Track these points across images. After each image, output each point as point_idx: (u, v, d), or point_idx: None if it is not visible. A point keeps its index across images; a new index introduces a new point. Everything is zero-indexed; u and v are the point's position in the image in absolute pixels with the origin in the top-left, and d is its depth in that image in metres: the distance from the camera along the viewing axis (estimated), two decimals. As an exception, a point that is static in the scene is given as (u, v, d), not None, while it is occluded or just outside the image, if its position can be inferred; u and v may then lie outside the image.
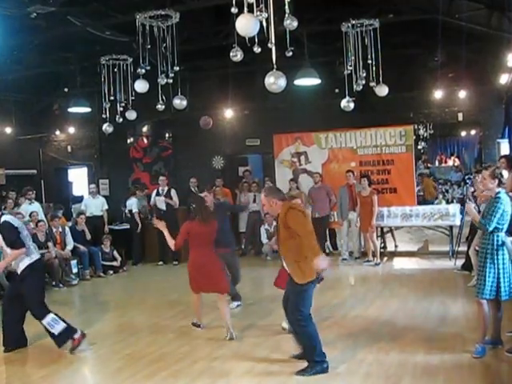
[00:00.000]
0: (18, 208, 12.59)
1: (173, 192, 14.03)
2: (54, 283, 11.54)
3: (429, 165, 24.29)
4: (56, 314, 7.19)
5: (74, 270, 12.14)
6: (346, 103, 11.72)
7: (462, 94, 14.55)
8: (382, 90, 11.72)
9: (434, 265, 12.25)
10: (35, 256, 7.24)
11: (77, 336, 7.18)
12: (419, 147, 21.71)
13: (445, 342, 6.82)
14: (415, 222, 13.33)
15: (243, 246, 14.93)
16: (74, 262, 12.15)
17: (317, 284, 6.14)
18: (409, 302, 8.92)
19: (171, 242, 7.57)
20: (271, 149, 14.95)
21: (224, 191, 14.65)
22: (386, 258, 12.96)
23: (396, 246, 14.00)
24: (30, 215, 12.34)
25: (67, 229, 12.50)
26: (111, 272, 12.98)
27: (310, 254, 5.67)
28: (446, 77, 14.54)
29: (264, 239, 13.88)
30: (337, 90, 13.01)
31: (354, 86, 11.34)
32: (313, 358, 5.97)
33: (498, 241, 6.00)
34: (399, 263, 12.85)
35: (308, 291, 5.95)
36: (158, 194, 14.04)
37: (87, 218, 13.48)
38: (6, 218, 7.21)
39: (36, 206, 12.97)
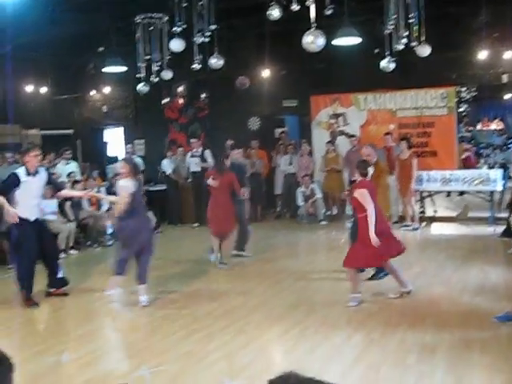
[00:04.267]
0: (53, 168, 12.66)
1: (207, 153, 13.92)
2: (88, 243, 11.63)
3: (470, 128, 23.71)
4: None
5: (109, 231, 12.17)
6: (386, 63, 11.40)
7: (508, 54, 14.02)
8: (424, 50, 11.34)
9: (474, 231, 11.99)
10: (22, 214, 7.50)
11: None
12: (461, 110, 21.17)
13: (483, 310, 6.67)
14: (455, 187, 13.04)
15: (278, 209, 14.83)
16: (109, 224, 12.16)
17: None
18: (446, 269, 8.75)
19: None
20: (309, 110, 14.72)
21: (259, 153, 14.49)
22: (424, 223, 12.72)
23: (435, 211, 13.71)
24: (68, 175, 12.35)
25: (103, 189, 12.51)
26: (146, 233, 12.97)
27: None
28: (491, 37, 14.01)
29: (300, 202, 13.74)
30: (377, 50, 12.65)
31: (395, 46, 10.99)
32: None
33: None
34: (438, 228, 12.63)
35: None
36: (192, 156, 13.96)
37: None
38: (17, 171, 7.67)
39: (72, 166, 13.00)
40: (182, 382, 5.13)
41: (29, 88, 16.43)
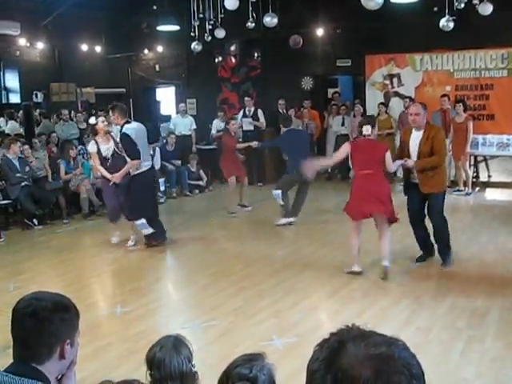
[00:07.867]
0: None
1: (260, 113, 13.84)
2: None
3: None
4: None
5: (162, 189, 12.30)
6: (445, 22, 11.04)
7: None
8: (486, 8, 10.95)
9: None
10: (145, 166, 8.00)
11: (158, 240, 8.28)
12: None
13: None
14: (512, 152, 12.70)
15: (330, 170, 14.73)
16: (161, 181, 12.31)
17: None
18: (500, 235, 8.56)
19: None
20: (363, 70, 14.45)
21: (312, 113, 14.37)
22: (477, 188, 12.45)
23: (489, 176, 13.40)
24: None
25: (157, 148, 12.60)
26: (197, 191, 13.11)
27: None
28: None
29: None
30: (435, 8, 12.27)
31: (455, 4, 10.63)
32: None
33: None
34: (492, 194, 12.35)
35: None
36: (244, 115, 13.90)
37: (176, 137, 13.58)
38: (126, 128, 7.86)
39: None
40: (232, 337, 5.22)
41: (83, 47, 16.59)
